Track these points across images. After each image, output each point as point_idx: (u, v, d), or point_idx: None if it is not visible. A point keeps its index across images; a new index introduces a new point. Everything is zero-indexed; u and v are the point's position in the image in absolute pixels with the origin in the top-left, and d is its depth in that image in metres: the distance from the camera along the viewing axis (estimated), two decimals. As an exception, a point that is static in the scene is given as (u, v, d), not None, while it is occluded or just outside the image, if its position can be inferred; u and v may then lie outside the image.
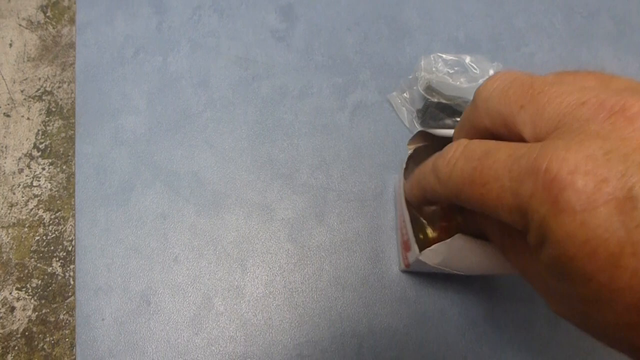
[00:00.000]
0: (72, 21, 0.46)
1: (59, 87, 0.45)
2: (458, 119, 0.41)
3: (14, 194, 0.42)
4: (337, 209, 0.41)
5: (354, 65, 0.45)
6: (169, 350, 0.38)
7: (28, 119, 0.44)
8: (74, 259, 0.41)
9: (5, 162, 0.43)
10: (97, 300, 0.39)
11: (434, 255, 0.30)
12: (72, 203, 0.42)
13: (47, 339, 0.39)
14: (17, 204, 0.42)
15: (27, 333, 0.39)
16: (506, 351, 0.38)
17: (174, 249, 0.40)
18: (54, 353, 0.39)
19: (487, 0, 0.46)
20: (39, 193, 0.42)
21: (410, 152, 0.35)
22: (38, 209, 0.42)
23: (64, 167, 0.43)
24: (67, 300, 0.40)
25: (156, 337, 0.38)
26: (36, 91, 0.45)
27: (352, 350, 0.38)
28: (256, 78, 0.44)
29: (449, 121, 0.42)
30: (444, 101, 0.42)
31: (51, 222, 0.42)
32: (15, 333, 0.39)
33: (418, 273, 0.39)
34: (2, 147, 0.43)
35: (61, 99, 0.44)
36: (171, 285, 0.40)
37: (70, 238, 0.41)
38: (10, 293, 0.40)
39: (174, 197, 0.41)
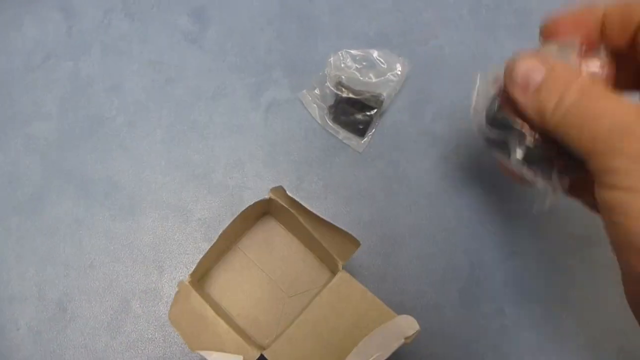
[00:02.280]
0: (-21, 28, 0.46)
1: (-32, 96, 0.44)
2: (368, 113, 0.43)
3: None
4: (253, 207, 0.41)
5: (267, 65, 0.45)
6: (87, 357, 0.38)
7: None
8: (-12, 270, 0.40)
9: None
10: (11, 310, 0.39)
11: None
12: (-14, 214, 0.42)
13: (-40, 353, 0.39)
14: None
15: (-63, 348, 0.39)
16: (421, 337, 0.39)
17: (90, 254, 0.40)
18: (-30, 366, 0.39)
19: (397, -4, 0.47)
20: (-52, 205, 0.42)
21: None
22: (-53, 222, 0.41)
23: (-24, 177, 0.42)
24: (-17, 312, 0.40)
25: (73, 344, 0.38)
26: (-57, 101, 0.44)
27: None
28: (169, 81, 0.44)
29: (359, 116, 0.43)
30: (353, 96, 0.43)
31: (-39, 234, 0.41)
32: None
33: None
34: None
35: (-30, 109, 0.44)
36: (87, 291, 0.40)
37: (-15, 249, 0.41)
38: None
39: (89, 202, 0.41)
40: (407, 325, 0.31)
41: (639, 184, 0.21)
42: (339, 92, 0.43)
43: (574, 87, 0.24)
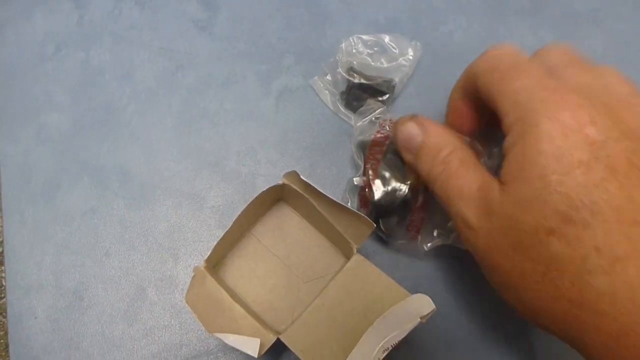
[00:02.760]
0: (-11, 20, 0.46)
1: (-20, 88, 0.44)
2: (380, 99, 0.42)
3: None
4: (266, 194, 0.42)
5: (277, 52, 0.45)
6: (104, 344, 0.38)
7: (-52, 121, 0.44)
8: (5, 261, 0.40)
9: None
10: (28, 299, 0.39)
11: None
12: (1, 205, 0.42)
13: (-20, 341, 0.39)
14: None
15: (-43, 337, 0.39)
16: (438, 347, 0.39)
17: (105, 243, 0.40)
18: (-12, 355, 0.39)
19: (406, -19, 0.47)
20: (-36, 196, 0.42)
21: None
22: (-36, 212, 0.42)
23: (-10, 168, 0.43)
24: (0, 302, 0.40)
25: (90, 332, 0.39)
26: (-44, 93, 0.44)
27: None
28: (180, 68, 0.44)
29: (371, 101, 0.42)
30: (365, 82, 0.43)
31: (-22, 224, 0.41)
32: (-56, 337, 0.39)
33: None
34: None
35: (-17, 100, 0.44)
36: (103, 279, 0.40)
37: (1, 239, 0.41)
38: (-62, 298, 0.40)
39: (102, 191, 0.42)
40: (423, 305, 0.31)
41: (483, 268, 0.28)
42: (351, 78, 0.43)
43: (439, 159, 0.29)
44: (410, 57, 0.43)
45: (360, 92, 0.43)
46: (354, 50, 0.43)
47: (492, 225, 0.25)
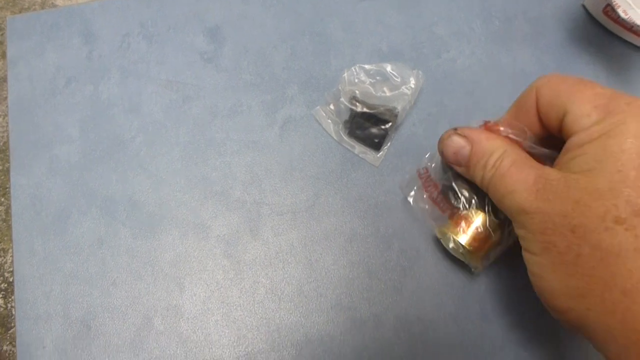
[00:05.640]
0: (3, 56, 0.47)
1: (-6, 122, 0.46)
2: (383, 127, 0.43)
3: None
4: (271, 223, 0.42)
5: (282, 82, 0.46)
6: (110, 373, 0.39)
7: (-38, 155, 0.45)
8: (15, 291, 0.41)
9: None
10: (37, 329, 0.40)
11: None
12: (11, 235, 0.43)
13: (-11, 371, 0.40)
14: (-47, 239, 0.43)
15: (-33, 367, 0.40)
16: (441, 350, 0.39)
17: (112, 272, 0.41)
18: (-2, 385, 0.40)
19: (409, 12, 0.48)
20: (-25, 227, 0.43)
21: None
22: (-25, 243, 0.43)
23: (2, 199, 0.44)
24: (10, 332, 0.41)
25: (97, 361, 0.39)
26: (-30, 127, 0.45)
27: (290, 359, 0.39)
28: (186, 100, 0.45)
29: (374, 130, 0.43)
30: (368, 110, 0.43)
31: (-11, 255, 0.42)
32: (-45, 368, 0.40)
33: (353, 278, 0.40)
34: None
35: (-4, 133, 0.45)
36: (111, 309, 0.40)
37: (11, 269, 0.42)
38: (-51, 328, 0.41)
39: (110, 222, 0.42)
40: None
41: (535, 249, 0.28)
42: (354, 107, 0.43)
43: (489, 165, 0.31)
44: (412, 86, 0.43)
45: (363, 121, 0.43)
46: (356, 80, 0.43)
47: (551, 208, 0.27)
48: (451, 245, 0.37)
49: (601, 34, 0.47)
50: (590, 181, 0.26)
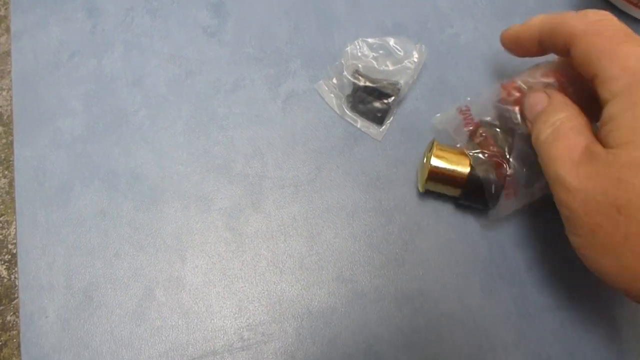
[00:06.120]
0: (7, 30, 0.47)
1: (-2, 95, 0.46)
2: (386, 101, 0.43)
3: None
4: (273, 196, 0.42)
5: (285, 56, 0.46)
6: (112, 343, 0.39)
7: (-33, 127, 0.45)
8: (18, 262, 0.41)
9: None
10: (40, 299, 0.40)
11: None
12: (15, 207, 0.43)
13: (-6, 340, 0.40)
14: (-43, 210, 0.43)
15: (-28, 335, 0.40)
16: (442, 323, 0.39)
17: (115, 244, 0.41)
18: (2, 354, 0.40)
19: (413, -14, 0.47)
20: (-20, 199, 0.43)
21: None
22: (-20, 215, 0.43)
23: (6, 172, 0.44)
24: (13, 302, 0.41)
25: (99, 331, 0.39)
26: (-25, 100, 0.46)
27: (292, 331, 0.39)
28: (189, 74, 0.45)
29: (377, 104, 0.43)
30: (370, 85, 0.43)
31: (-7, 226, 0.43)
32: (-40, 336, 0.40)
33: (354, 251, 0.40)
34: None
35: (0, 107, 0.45)
36: (113, 280, 0.40)
37: (14, 241, 0.42)
38: (-46, 297, 0.41)
39: (113, 194, 0.42)
40: None
41: (581, 232, 0.28)
42: (356, 81, 0.43)
43: (550, 122, 0.30)
44: (415, 60, 0.43)
45: (366, 95, 0.43)
46: (359, 54, 0.43)
47: (595, 187, 0.26)
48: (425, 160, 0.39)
49: (605, 8, 0.46)
50: (629, 155, 0.25)
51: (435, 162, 0.38)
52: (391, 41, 0.44)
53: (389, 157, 0.43)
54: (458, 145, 0.39)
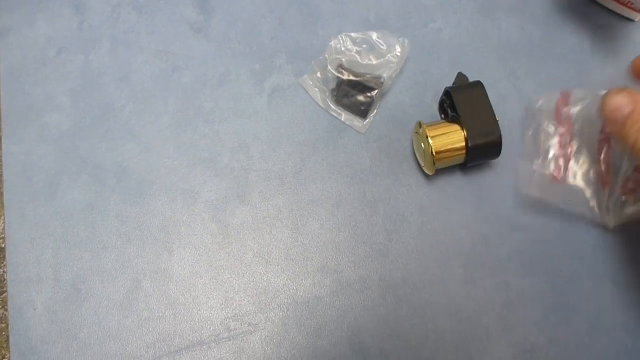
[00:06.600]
0: (-5, 26, 0.48)
1: (-14, 92, 0.46)
2: (370, 95, 0.44)
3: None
4: (259, 188, 0.43)
5: (270, 51, 0.46)
6: (100, 335, 0.39)
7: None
8: (6, 256, 0.42)
9: None
10: (28, 292, 0.40)
11: None
12: (3, 202, 0.43)
13: (-18, 333, 0.40)
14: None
15: (-39, 328, 0.41)
16: (426, 312, 0.39)
17: (102, 237, 0.42)
18: (-10, 347, 0.40)
19: (396, -18, 0.48)
20: (-31, 194, 0.44)
21: None
22: (-32, 209, 0.43)
23: (-6, 168, 0.44)
24: (2, 296, 0.41)
25: (88, 323, 0.40)
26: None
27: (278, 321, 0.40)
28: (176, 70, 0.46)
29: (361, 97, 0.44)
30: (354, 79, 0.44)
31: (-18, 221, 0.43)
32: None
33: (339, 242, 0.41)
34: None
35: (-12, 103, 0.46)
36: (101, 272, 0.41)
37: (3, 236, 0.42)
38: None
39: (101, 188, 0.43)
40: None
41: None
42: (340, 75, 0.44)
43: None
44: (399, 54, 0.44)
45: (350, 89, 0.44)
46: (342, 48, 0.44)
47: None
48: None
49: (586, 4, 0.47)
50: None
51: (434, 141, 0.39)
52: (374, 35, 0.44)
53: (373, 150, 0.43)
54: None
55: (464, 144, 0.38)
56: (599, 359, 0.39)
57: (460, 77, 0.41)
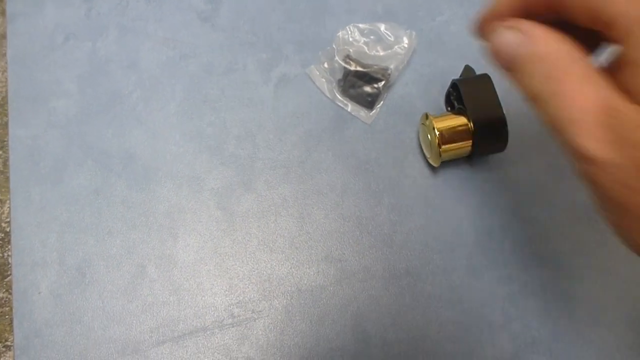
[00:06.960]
0: (3, 13, 0.48)
1: (-7, 77, 0.46)
2: (376, 86, 0.44)
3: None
4: (264, 177, 0.43)
5: (278, 41, 0.47)
6: (104, 318, 0.40)
7: (-37, 107, 0.46)
8: (11, 239, 0.42)
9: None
10: (33, 275, 0.41)
11: None
12: (9, 186, 0.43)
13: (-14, 317, 0.41)
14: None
15: (-35, 310, 0.41)
16: (429, 303, 0.40)
17: (108, 222, 0.42)
18: (-6, 330, 0.40)
19: (404, -26, 0.48)
20: (-25, 177, 0.44)
21: None
22: (-26, 193, 0.43)
23: (0, 152, 0.44)
24: (6, 279, 0.42)
25: (92, 307, 0.40)
26: (-29, 81, 0.46)
27: (281, 309, 0.40)
28: (183, 57, 0.46)
29: (367, 88, 0.44)
30: (361, 69, 0.44)
31: (-12, 204, 0.43)
32: (-47, 310, 0.41)
33: (344, 232, 0.41)
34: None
35: (-5, 88, 0.46)
36: (105, 257, 0.41)
37: (8, 220, 0.43)
38: (-52, 273, 0.41)
39: (107, 173, 0.43)
40: None
41: (615, 214, 0.22)
42: (347, 66, 0.44)
43: (553, 75, 0.23)
44: (406, 46, 0.44)
45: (357, 80, 0.44)
46: (350, 39, 0.44)
47: (624, 157, 0.20)
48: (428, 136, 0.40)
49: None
50: None
51: (440, 133, 0.39)
52: (382, 27, 0.45)
53: (379, 141, 0.44)
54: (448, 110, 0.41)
55: (470, 136, 0.38)
56: (600, 352, 0.38)
57: (468, 69, 0.41)
